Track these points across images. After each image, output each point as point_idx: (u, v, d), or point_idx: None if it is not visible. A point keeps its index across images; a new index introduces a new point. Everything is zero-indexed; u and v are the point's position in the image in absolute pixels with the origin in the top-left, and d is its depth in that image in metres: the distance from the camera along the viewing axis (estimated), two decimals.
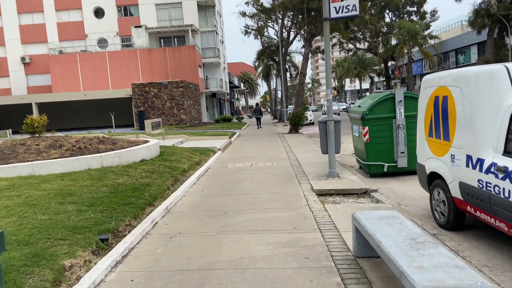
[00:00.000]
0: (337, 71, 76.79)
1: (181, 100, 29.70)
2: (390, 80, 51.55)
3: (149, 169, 8.36)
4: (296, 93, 21.93)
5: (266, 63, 45.29)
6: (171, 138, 17.58)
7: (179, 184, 8.11)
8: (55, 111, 35.14)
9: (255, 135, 22.11)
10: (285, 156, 12.33)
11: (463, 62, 42.77)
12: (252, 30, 32.86)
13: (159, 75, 35.62)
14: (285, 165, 10.65)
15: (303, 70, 21.43)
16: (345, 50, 51.27)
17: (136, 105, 29.86)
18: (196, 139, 17.72)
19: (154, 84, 29.93)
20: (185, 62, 35.94)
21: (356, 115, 9.51)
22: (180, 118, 29.79)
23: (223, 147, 14.62)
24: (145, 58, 36.07)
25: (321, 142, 8.64)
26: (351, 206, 6.41)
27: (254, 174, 9.41)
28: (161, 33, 38.60)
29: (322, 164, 10.39)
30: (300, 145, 15.44)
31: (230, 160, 11.96)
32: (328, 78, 8.34)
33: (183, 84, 29.70)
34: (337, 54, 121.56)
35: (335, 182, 7.96)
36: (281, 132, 23.21)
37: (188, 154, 11.13)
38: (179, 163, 9.58)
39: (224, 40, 49.95)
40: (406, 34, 40.76)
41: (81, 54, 36.86)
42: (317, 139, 19.33)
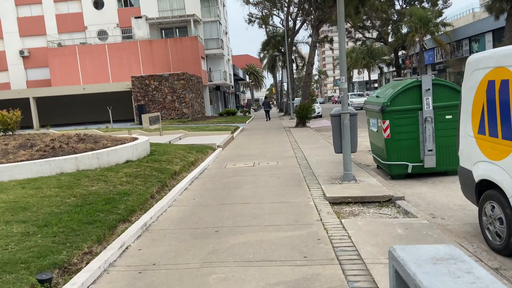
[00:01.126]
0: None
1: (183, 93, 28.46)
2: (401, 70, 49.80)
3: (133, 172, 7.13)
4: (303, 84, 20.58)
5: (272, 54, 43.83)
6: (168, 134, 16.37)
7: (166, 190, 6.88)
8: (54, 106, 34.15)
9: (260, 129, 20.82)
10: (291, 154, 11.06)
11: (477, 51, 40.92)
12: (256, 18, 31.41)
13: (161, 67, 34.39)
14: (292, 164, 9.38)
15: (311, 60, 20.05)
16: (354, 40, 49.54)
17: (136, 99, 28.70)
18: (196, 135, 16.49)
19: (155, 77, 28.71)
20: (187, 54, 34.64)
21: (374, 106, 8.19)
22: (182, 112, 28.58)
23: (223, 143, 13.37)
24: (146, 50, 34.83)
25: (334, 139, 7.34)
26: (375, 221, 5.12)
27: (256, 176, 8.15)
28: (162, 24, 37.27)
29: (334, 163, 9.10)
30: (308, 141, 14.15)
31: (230, 159, 10.71)
32: (342, 62, 7.03)
33: (184, 77, 28.44)
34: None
35: (351, 187, 6.68)
36: (288, 126, 21.90)
37: (182, 153, 9.89)
38: (170, 164, 8.34)
39: (228, 31, 48.51)
40: (418, 21, 39.04)
41: (80, 46, 35.71)
42: (326, 133, 18.03)
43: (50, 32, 38.67)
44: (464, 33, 42.31)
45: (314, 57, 20.13)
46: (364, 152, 11.10)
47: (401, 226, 4.79)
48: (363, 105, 9.26)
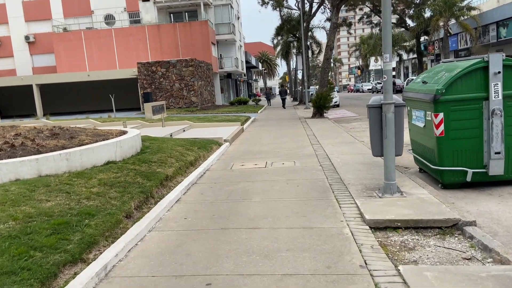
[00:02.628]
0: (362, 48, 72.35)
1: (191, 81, 26.81)
2: (423, 57, 47.22)
3: (110, 179, 5.53)
4: (321, 70, 18.71)
5: (286, 40, 41.76)
6: (172, 125, 14.78)
7: (152, 204, 5.26)
8: (58, 93, 32.90)
9: (273, 120, 19.08)
10: (311, 151, 9.33)
11: (505, 36, 38.15)
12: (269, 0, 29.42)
13: (169, 53, 32.75)
14: (312, 166, 7.66)
15: (330, 43, 18.13)
16: (373, 25, 47.03)
17: (142, 86, 27.17)
18: (202, 126, 14.86)
19: (162, 63, 27.08)
20: (197, 39, 32.90)
21: (420, 95, 6.40)
22: (190, 100, 26.97)
23: (232, 137, 11.70)
24: (153, 35, 33.19)
25: (372, 138, 5.59)
26: (451, 271, 3.38)
27: (269, 182, 6.48)
28: (171, 7, 35.52)
29: (365, 165, 7.35)
30: (328, 134, 12.38)
31: (238, 157, 9.04)
32: (387, 35, 5.22)
33: (193, 63, 26.75)
34: (358, 32, 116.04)
35: (397, 204, 4.95)
36: (303, 117, 20.11)
37: (181, 150, 8.26)
38: (162, 165, 6.72)
39: (240, 16, 46.48)
40: (443, 4, 36.47)
41: (86, 31, 34.25)
42: (346, 125, 16.22)
43: (56, 16, 37.28)
44: (491, 17, 39.48)
45: (334, 40, 18.20)
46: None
47: (487, 274, 3.06)
48: (403, 93, 7.46)
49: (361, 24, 78.68)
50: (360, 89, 68.24)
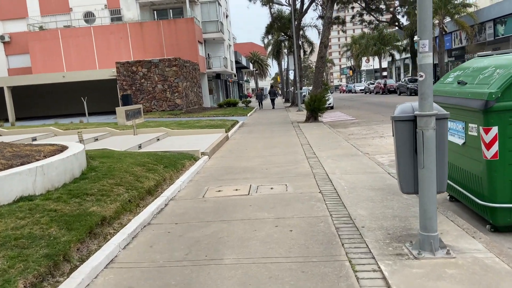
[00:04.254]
0: (354, 48, 70.92)
1: (175, 82, 24.89)
2: (416, 56, 45.73)
3: (7, 230, 3.65)
4: (315, 70, 16.96)
5: (276, 39, 39.99)
6: (145, 133, 12.89)
7: (63, 273, 3.39)
8: (32, 96, 30.76)
9: (262, 125, 17.28)
10: (306, 168, 7.53)
11: (503, 34, 36.80)
12: None
13: (153, 52, 30.79)
14: (310, 192, 5.86)
15: (324, 40, 16.38)
16: (366, 23, 45.49)
17: (121, 88, 25.18)
18: (181, 134, 13.00)
19: (143, 63, 25.13)
20: (183, 38, 31.00)
21: (458, 100, 4.64)
22: (175, 103, 25.06)
23: (212, 147, 9.86)
24: (136, 33, 31.21)
25: (400, 166, 3.76)
26: None
27: (251, 224, 4.65)
28: (155, 4, 33.55)
29: (377, 192, 5.56)
30: (325, 143, 10.60)
31: (215, 178, 7.21)
32: (425, 8, 3.42)
33: (177, 63, 24.84)
34: (349, 33, 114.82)
35: (446, 274, 3.16)
36: (296, 120, 18.34)
37: (139, 171, 6.41)
38: (102, 200, 4.86)
39: (229, 14, 44.63)
40: (438, 1, 34.98)
41: (64, 30, 32.12)
42: (344, 131, 14.46)
43: (33, 14, 35.03)
44: (488, 14, 38.09)
45: (329, 36, 16.47)
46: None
47: None
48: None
49: (352, 24, 77.34)
50: (353, 90, 66.96)
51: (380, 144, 10.70)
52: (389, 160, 8.45)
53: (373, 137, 12.07)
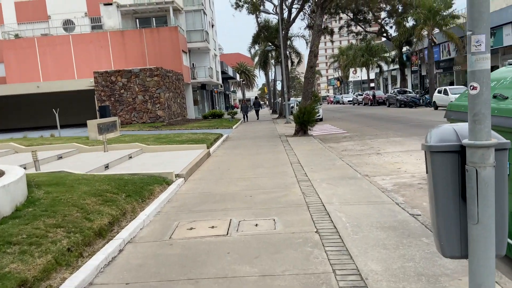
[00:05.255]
0: (341, 59, 70.67)
1: (157, 92, 23.64)
2: (405, 68, 45.40)
3: None
4: (305, 80, 15.94)
5: (263, 49, 39.13)
6: (118, 149, 11.59)
7: None
8: (6, 108, 29.11)
9: (248, 139, 16.12)
10: (298, 195, 6.36)
11: (492, 46, 36.56)
12: (245, 2, 26.67)
13: (135, 62, 29.52)
14: (304, 232, 4.68)
15: (314, 49, 15.39)
16: (354, 34, 45.02)
17: (99, 99, 23.81)
18: (157, 150, 11.74)
19: (122, 73, 23.83)
20: (166, 47, 29.85)
21: (502, 120, 3.55)
22: (156, 114, 23.77)
23: (190, 167, 8.64)
24: (117, 42, 29.94)
25: (440, 217, 2.60)
26: None
27: (227, 285, 3.45)
28: (137, 12, 32.40)
29: (389, 232, 4.40)
30: (317, 162, 9.48)
31: (189, 209, 5.99)
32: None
33: (159, 72, 23.62)
34: (336, 44, 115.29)
35: None
36: (284, 134, 17.24)
37: (92, 203, 5.16)
38: (26, 253, 3.60)
39: (214, 24, 43.71)
40: (427, 12, 34.59)
41: (41, 38, 30.69)
42: (336, 146, 13.38)
43: (9, 21, 33.53)
44: None
45: (318, 45, 15.49)
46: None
47: None
48: (448, 115, 4.62)
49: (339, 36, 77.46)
50: (340, 101, 66.61)
51: (378, 163, 9.62)
52: (392, 183, 7.37)
53: (369, 154, 11.01)
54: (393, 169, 8.76)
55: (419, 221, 4.76)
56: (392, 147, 12.02)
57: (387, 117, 24.56)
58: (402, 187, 7.12)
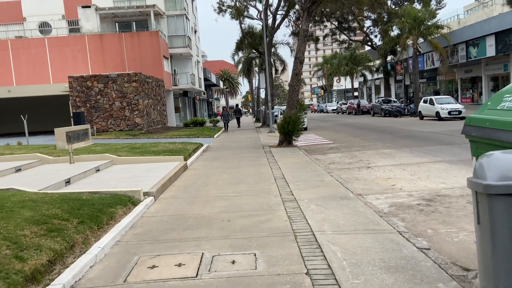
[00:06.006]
0: (325, 68, 70.62)
1: (135, 99, 22.56)
2: (389, 77, 45.33)
3: None
4: (289, 88, 15.19)
5: (247, 56, 38.45)
6: (85, 161, 10.53)
7: None
8: None
9: (229, 150, 15.22)
10: (283, 221, 5.48)
11: (475, 56, 36.76)
12: (228, 7, 25.92)
13: (114, 67, 28.36)
14: (292, 274, 3.80)
15: (300, 55, 14.67)
16: (339, 42, 44.80)
17: (74, 105, 22.58)
18: (129, 162, 10.73)
19: (99, 78, 22.69)
20: (146, 52, 28.81)
21: None
22: (134, 122, 22.66)
23: (161, 184, 7.68)
24: (95, 46, 28.75)
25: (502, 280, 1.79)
26: None
27: None
28: (117, 16, 31.30)
29: (396, 272, 3.55)
30: (304, 177, 8.64)
31: (153, 238, 5.04)
32: None
33: (137, 78, 22.57)
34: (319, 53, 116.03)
35: None
36: (267, 144, 16.41)
37: (31, 234, 4.19)
38: None
39: (197, 30, 42.85)
40: (412, 22, 34.48)
41: (15, 40, 29.27)
42: (323, 158, 12.53)
43: None
44: (461, 36, 38.13)
45: (304, 52, 14.78)
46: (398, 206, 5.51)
47: None
48: (467, 130, 3.83)
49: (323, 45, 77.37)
50: (324, 110, 66.44)
51: (369, 179, 8.84)
52: (388, 204, 6.58)
53: (359, 168, 10.24)
54: (387, 186, 7.99)
55: (430, 259, 3.94)
56: (383, 160, 11.30)
57: (373, 127, 24.03)
58: (400, 208, 6.33)
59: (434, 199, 6.75)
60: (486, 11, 53.17)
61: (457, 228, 5.21)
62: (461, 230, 5.14)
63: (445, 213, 5.92)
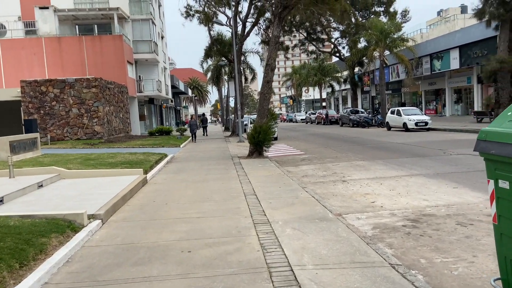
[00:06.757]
0: (294, 78, 70.82)
1: (95, 106, 21.13)
2: (357, 88, 45.73)
3: None
4: (261, 96, 14.44)
5: (216, 64, 37.59)
6: (29, 174, 9.25)
7: None
8: None
9: (196, 161, 14.23)
10: (255, 251, 4.61)
11: (439, 69, 37.62)
12: (196, 12, 25.02)
13: (73, 72, 26.68)
14: None
15: (271, 62, 13.96)
16: (308, 52, 44.82)
17: (27, 111, 20.85)
18: (80, 176, 9.54)
19: (54, 82, 21.12)
20: (109, 57, 27.35)
21: None
22: (93, 130, 21.18)
23: (112, 204, 6.62)
24: (53, 49, 27.01)
25: None
26: None
27: None
28: (78, 18, 29.68)
29: None
30: (277, 192, 7.82)
31: (92, 279, 4.03)
32: None
33: (97, 83, 21.18)
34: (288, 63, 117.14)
35: None
36: (237, 155, 15.54)
37: None
38: None
39: (165, 36, 41.63)
40: (379, 34, 34.82)
41: None
42: (295, 170, 11.64)
43: None
44: (425, 50, 38.96)
45: (275, 58, 14.10)
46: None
47: None
48: (481, 146, 3.14)
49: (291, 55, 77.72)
50: (293, 119, 66.51)
51: (346, 194, 8.14)
52: (371, 225, 5.87)
53: (334, 182, 9.55)
54: (366, 203, 7.30)
55: None
56: (358, 172, 10.69)
57: (343, 137, 23.69)
58: (385, 231, 5.61)
59: (419, 220, 6.10)
60: (448, 26, 55.06)
61: (453, 258, 4.53)
62: (458, 260, 4.46)
63: (436, 237, 5.25)
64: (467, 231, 5.41)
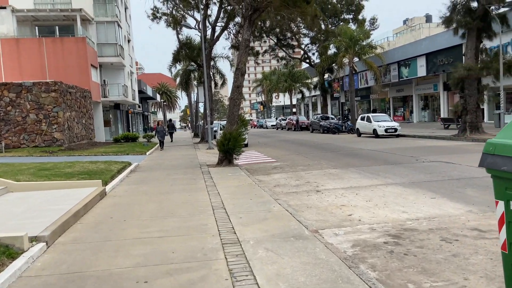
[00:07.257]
0: (264, 84, 70.73)
1: (54, 111, 19.88)
2: (327, 94, 45.96)
3: None
4: (230, 101, 13.87)
5: (185, 68, 36.74)
6: None
7: None
8: None
9: (162, 170, 13.44)
10: (223, 278, 4.01)
11: (407, 76, 38.36)
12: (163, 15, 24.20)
13: (32, 75, 25.18)
14: None
15: (241, 66, 13.42)
16: (278, 58, 44.70)
17: None
18: (30, 188, 8.61)
19: (10, 86, 19.74)
20: (71, 60, 26.04)
21: None
22: (53, 137, 19.91)
23: (62, 222, 5.84)
24: (10, 51, 25.45)
25: None
26: None
27: None
28: (39, 19, 28.17)
29: None
30: (247, 204, 7.24)
31: None
32: None
33: (57, 87, 19.96)
34: (258, 70, 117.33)
35: None
36: (206, 163, 14.86)
37: None
38: None
39: (131, 39, 40.37)
40: (348, 41, 35.09)
41: None
42: (267, 179, 11.05)
43: None
44: (393, 57, 39.64)
45: (246, 63, 13.58)
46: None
47: None
48: (487, 160, 2.69)
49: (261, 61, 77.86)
50: (264, 125, 66.32)
51: (321, 206, 7.67)
52: (350, 242, 5.39)
53: (308, 192, 9.08)
54: (343, 216, 6.85)
55: None
56: (331, 181, 10.28)
57: (314, 143, 23.44)
58: (365, 249, 5.14)
59: (401, 235, 5.67)
60: (414, 34, 56.60)
61: (443, 281, 4.08)
62: (449, 284, 4.02)
63: (421, 256, 4.82)
64: (453, 248, 5.01)
